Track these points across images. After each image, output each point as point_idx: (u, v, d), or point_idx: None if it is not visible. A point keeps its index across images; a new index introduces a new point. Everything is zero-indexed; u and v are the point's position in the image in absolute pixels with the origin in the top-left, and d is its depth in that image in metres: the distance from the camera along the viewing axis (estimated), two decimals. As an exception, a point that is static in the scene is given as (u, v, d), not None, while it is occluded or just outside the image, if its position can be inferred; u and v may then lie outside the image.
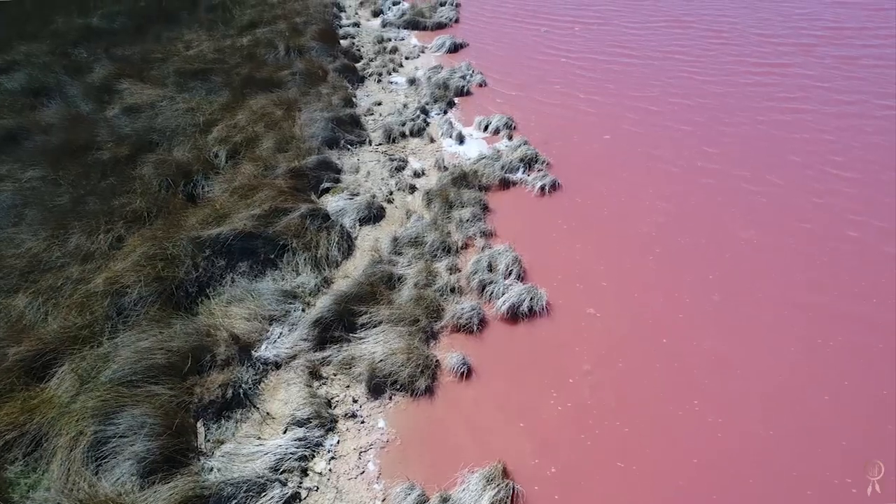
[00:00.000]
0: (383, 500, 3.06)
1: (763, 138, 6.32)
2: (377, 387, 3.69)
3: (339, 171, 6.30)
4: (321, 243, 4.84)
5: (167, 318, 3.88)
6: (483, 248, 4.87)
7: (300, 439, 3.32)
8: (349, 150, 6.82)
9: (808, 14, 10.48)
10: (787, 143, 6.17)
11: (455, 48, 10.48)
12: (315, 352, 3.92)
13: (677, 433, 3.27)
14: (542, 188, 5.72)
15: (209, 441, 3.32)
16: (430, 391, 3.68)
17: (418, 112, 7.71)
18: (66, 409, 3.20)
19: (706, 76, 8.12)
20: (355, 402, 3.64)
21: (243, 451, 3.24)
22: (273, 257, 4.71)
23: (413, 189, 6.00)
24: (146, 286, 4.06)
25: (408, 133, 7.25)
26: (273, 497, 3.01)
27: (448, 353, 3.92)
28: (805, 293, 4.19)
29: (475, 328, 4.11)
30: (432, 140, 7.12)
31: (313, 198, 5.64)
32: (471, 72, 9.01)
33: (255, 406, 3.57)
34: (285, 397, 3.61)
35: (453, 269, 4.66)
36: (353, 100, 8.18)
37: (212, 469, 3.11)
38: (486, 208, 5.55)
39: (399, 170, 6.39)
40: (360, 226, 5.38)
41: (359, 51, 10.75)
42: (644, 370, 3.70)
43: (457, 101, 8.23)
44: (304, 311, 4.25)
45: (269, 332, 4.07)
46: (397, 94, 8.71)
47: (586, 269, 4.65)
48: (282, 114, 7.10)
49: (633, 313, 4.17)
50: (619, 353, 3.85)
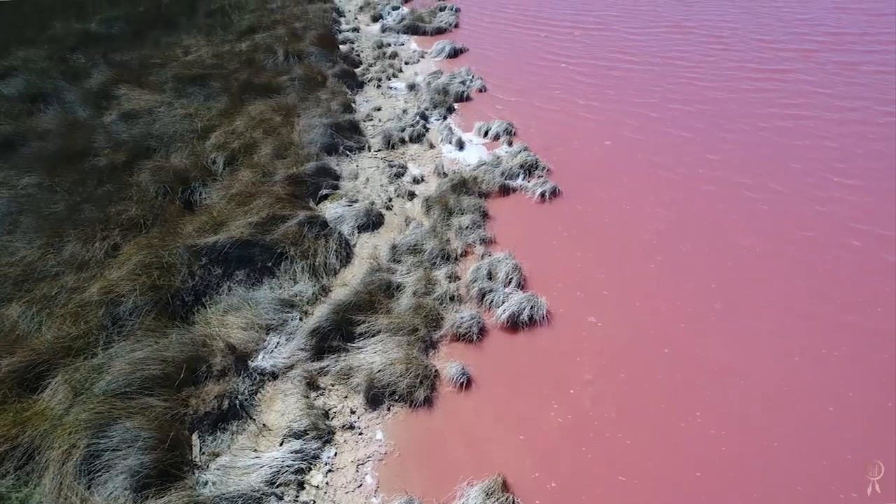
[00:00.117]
0: (381, 514, 3.01)
1: (764, 145, 6.29)
2: (375, 397, 3.64)
3: (337, 177, 6.26)
4: (319, 251, 4.79)
5: (163, 327, 3.84)
6: (483, 256, 4.83)
7: (297, 451, 3.28)
8: (348, 156, 6.78)
9: (809, 19, 10.48)
10: (788, 149, 6.14)
11: (455, 53, 10.47)
12: (312, 362, 3.87)
13: (680, 445, 3.22)
14: (542, 195, 5.68)
15: (204, 454, 3.27)
16: (429, 402, 3.63)
17: (418, 118, 7.67)
18: (59, 422, 3.15)
19: (707, 82, 8.10)
20: (353, 413, 3.59)
21: (239, 463, 3.19)
22: (270, 265, 4.66)
23: (412, 196, 5.96)
24: (142, 295, 4.01)
25: (407, 139, 7.21)
26: (269, 512, 2.96)
27: (447, 362, 3.87)
28: (807, 302, 4.15)
29: (475, 337, 4.06)
30: (432, 146, 7.08)
31: (311, 205, 5.59)
32: (470, 77, 8.99)
33: (251, 417, 3.52)
34: (282, 408, 3.56)
35: (453, 277, 4.61)
36: (353, 105, 8.15)
37: (206, 483, 3.06)
38: (485, 215, 5.51)
39: (398, 176, 6.35)
40: (359, 233, 5.33)
41: (358, 56, 10.74)
42: (646, 380, 3.65)
43: (456, 106, 8.21)
44: (301, 320, 4.20)
45: (266, 341, 4.02)
46: (397, 99, 8.68)
47: (587, 277, 4.60)
48: (280, 120, 7.07)
49: (634, 322, 4.12)
50: (620, 362, 3.80)
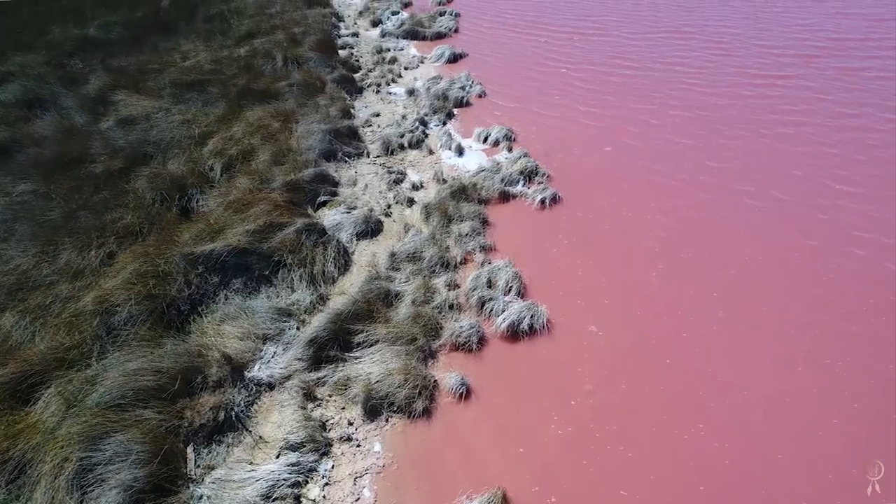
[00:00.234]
0: (379, 530, 2.96)
1: (765, 151, 6.26)
2: (373, 409, 3.58)
3: (336, 184, 6.22)
4: (317, 259, 4.74)
5: (158, 337, 3.79)
6: (482, 264, 4.78)
7: (293, 464, 3.22)
8: (347, 162, 6.74)
9: (809, 25, 10.46)
10: (789, 156, 6.11)
11: (454, 58, 10.45)
12: (310, 372, 3.82)
13: (683, 458, 3.17)
14: (542, 201, 5.64)
15: (199, 467, 3.22)
16: (427, 413, 3.58)
17: (417, 123, 7.63)
18: (52, 435, 3.10)
19: (707, 88, 8.06)
20: (351, 424, 3.54)
21: (234, 477, 3.14)
22: (268, 274, 4.61)
23: (411, 202, 5.92)
24: (137, 304, 3.96)
25: (406, 145, 7.17)
26: (264, 528, 2.91)
27: (446, 372, 3.82)
28: (810, 311, 4.10)
29: (474, 347, 4.01)
30: (431, 152, 7.04)
31: (310, 212, 5.55)
32: (470, 82, 8.97)
33: (247, 429, 3.47)
34: (279, 420, 3.50)
35: (452, 286, 4.57)
36: (352, 111, 8.11)
37: (201, 497, 3.02)
38: (485, 222, 5.46)
39: (397, 182, 6.31)
40: (357, 240, 5.29)
41: (357, 61, 10.72)
42: (647, 391, 3.60)
43: (456, 112, 8.18)
44: (298, 329, 4.15)
45: (262, 351, 3.96)
46: (396, 105, 8.66)
47: (588, 286, 4.55)
48: (278, 125, 7.03)
49: (635, 331, 4.07)
50: (621, 373, 3.75)
